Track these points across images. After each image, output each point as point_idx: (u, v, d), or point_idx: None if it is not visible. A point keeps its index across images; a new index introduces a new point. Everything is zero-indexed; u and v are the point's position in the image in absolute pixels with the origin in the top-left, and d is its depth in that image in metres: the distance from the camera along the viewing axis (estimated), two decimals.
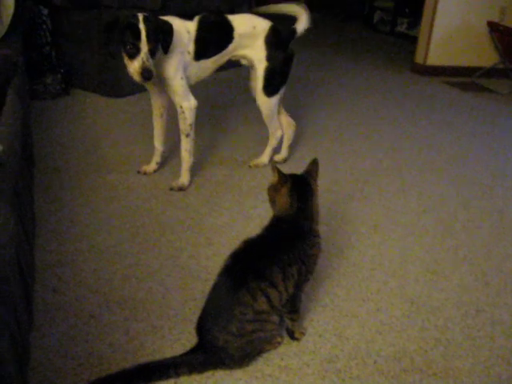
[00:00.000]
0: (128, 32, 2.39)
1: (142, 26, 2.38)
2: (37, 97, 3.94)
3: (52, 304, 1.93)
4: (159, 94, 2.85)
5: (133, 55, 2.42)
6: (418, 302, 2.12)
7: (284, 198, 1.78)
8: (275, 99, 3.01)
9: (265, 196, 1.95)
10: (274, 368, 1.73)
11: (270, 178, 1.85)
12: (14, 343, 1.42)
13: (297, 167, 2.00)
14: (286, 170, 1.86)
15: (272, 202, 1.84)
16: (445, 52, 5.72)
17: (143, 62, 2.40)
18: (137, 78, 2.45)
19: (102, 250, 2.27)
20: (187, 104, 2.73)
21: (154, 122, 2.94)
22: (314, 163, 1.87)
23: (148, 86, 2.80)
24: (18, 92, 2.37)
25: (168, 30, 2.51)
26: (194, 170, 3.01)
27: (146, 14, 2.45)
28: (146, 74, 2.42)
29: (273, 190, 1.83)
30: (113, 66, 4.04)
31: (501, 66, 5.73)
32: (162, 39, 2.49)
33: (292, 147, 3.44)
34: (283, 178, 1.80)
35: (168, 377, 1.62)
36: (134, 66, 2.43)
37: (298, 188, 1.79)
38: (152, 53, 2.43)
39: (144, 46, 2.40)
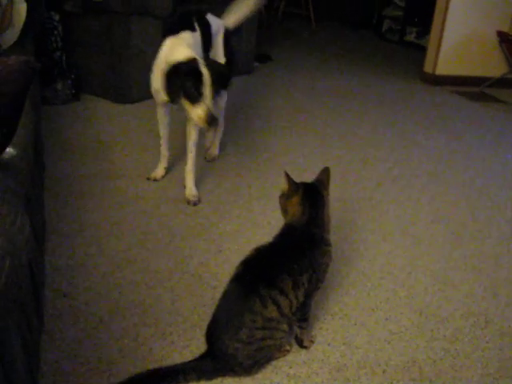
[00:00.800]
0: (190, 77, 2.34)
1: (204, 71, 2.35)
2: (47, 102, 3.96)
3: (62, 308, 1.93)
4: (167, 106, 2.84)
5: (195, 101, 2.37)
6: (427, 311, 2.11)
7: (295, 207, 1.79)
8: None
9: (274, 203, 1.96)
10: (283, 376, 1.73)
11: (282, 186, 1.85)
12: (24, 346, 1.43)
13: (307, 175, 2.00)
14: (297, 178, 1.87)
15: (283, 210, 1.84)
16: (454, 61, 5.72)
17: (208, 109, 2.37)
18: (201, 123, 2.42)
19: (112, 256, 2.28)
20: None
21: (160, 131, 2.93)
22: (326, 172, 1.87)
23: (161, 99, 2.69)
24: (30, 97, 2.39)
25: (226, 74, 2.51)
26: (204, 177, 3.02)
27: (203, 58, 2.46)
28: (210, 120, 2.39)
29: (284, 199, 1.83)
30: (123, 71, 4.06)
31: (510, 76, 5.72)
32: (221, 81, 2.48)
33: (301, 155, 3.46)
34: (294, 187, 1.80)
35: (177, 383, 1.62)
36: (197, 112, 2.39)
37: (310, 196, 1.79)
38: (213, 97, 2.41)
39: (207, 91, 2.37)
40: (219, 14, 3.12)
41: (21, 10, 3.07)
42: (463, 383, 1.77)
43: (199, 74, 2.34)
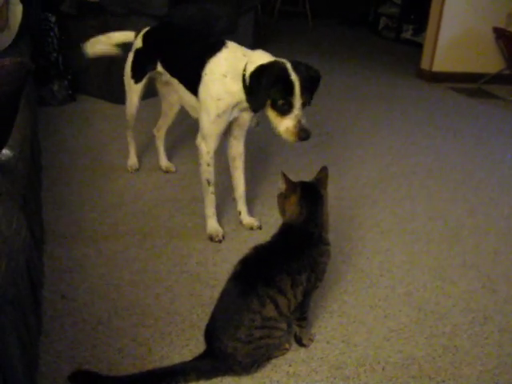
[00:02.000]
0: (279, 86, 2.04)
1: (294, 78, 2.03)
2: (44, 103, 3.96)
3: (60, 309, 1.93)
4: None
5: (284, 112, 2.07)
6: (426, 308, 2.11)
7: (293, 206, 1.78)
8: None
9: (272, 203, 1.95)
10: (282, 374, 1.73)
11: (279, 185, 1.85)
12: (23, 348, 1.43)
13: (304, 174, 2.00)
14: (294, 177, 1.86)
15: (281, 209, 1.83)
16: (451, 58, 5.71)
17: (299, 121, 2.06)
18: (291, 138, 2.08)
19: (110, 256, 2.28)
20: None
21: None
22: (324, 171, 1.86)
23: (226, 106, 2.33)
24: (26, 98, 2.38)
25: (316, 78, 2.20)
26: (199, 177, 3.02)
27: (292, 60, 2.12)
28: (303, 134, 2.06)
29: (282, 198, 1.82)
30: (119, 72, 4.05)
31: (507, 72, 5.72)
32: (311, 88, 2.16)
33: (299, 153, 3.46)
34: (292, 186, 1.79)
35: (176, 383, 1.62)
36: (286, 125, 2.07)
37: (308, 196, 1.78)
38: (303, 107, 2.10)
39: (298, 102, 2.05)
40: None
41: (17, 11, 3.07)
42: (463, 380, 1.77)
43: (289, 81, 2.04)
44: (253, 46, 2.38)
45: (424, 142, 3.95)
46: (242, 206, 2.61)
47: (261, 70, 2.08)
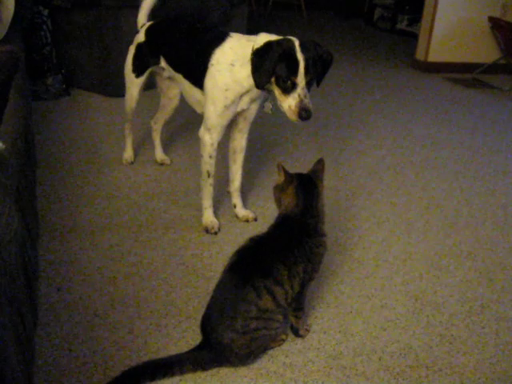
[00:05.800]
0: (283, 63, 2.04)
1: (300, 56, 2.03)
2: (38, 97, 3.94)
3: (56, 303, 1.92)
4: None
5: (287, 90, 2.07)
6: (423, 298, 2.11)
7: (289, 198, 1.77)
8: None
9: (267, 194, 1.94)
10: (279, 365, 1.73)
11: (276, 177, 1.84)
12: (18, 341, 1.42)
13: (300, 165, 1.99)
14: (290, 168, 1.86)
15: (277, 201, 1.83)
16: (446, 48, 5.71)
17: (301, 100, 2.06)
18: (292, 117, 2.09)
19: (106, 249, 2.27)
20: None
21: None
22: (320, 163, 1.86)
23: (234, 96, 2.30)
24: (19, 91, 2.37)
25: (328, 60, 2.20)
26: (195, 169, 3.01)
27: (302, 39, 2.12)
28: (304, 113, 2.06)
29: (279, 190, 1.82)
30: (113, 65, 4.04)
31: (502, 62, 5.72)
32: (320, 70, 2.17)
33: (294, 145, 3.45)
34: (289, 178, 1.79)
35: (173, 374, 1.62)
36: (288, 103, 2.08)
37: (304, 187, 1.78)
38: (309, 86, 2.10)
39: (301, 81, 2.05)
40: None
41: (9, 4, 3.04)
42: (460, 369, 1.77)
43: (294, 59, 2.03)
44: None
45: (420, 132, 3.95)
46: (237, 199, 2.61)
47: (267, 46, 2.07)
